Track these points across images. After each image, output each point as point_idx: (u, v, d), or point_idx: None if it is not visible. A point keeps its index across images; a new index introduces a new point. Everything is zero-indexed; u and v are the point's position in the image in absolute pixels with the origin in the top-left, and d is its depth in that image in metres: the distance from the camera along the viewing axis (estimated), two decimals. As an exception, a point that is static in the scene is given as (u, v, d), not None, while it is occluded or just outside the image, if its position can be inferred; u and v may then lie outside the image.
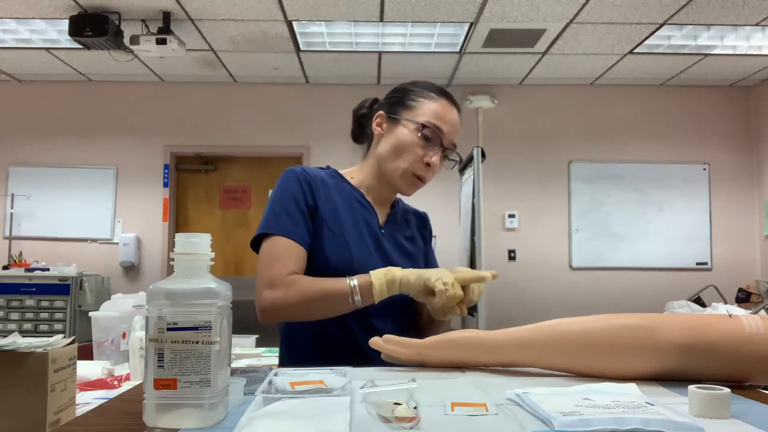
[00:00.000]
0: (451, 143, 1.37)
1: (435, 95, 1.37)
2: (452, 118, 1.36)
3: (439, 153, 1.34)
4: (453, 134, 1.37)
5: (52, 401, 0.88)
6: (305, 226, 1.27)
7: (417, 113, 1.34)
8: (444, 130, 1.34)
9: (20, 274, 4.58)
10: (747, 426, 0.67)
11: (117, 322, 1.66)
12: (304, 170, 1.34)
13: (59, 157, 5.44)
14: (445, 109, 1.36)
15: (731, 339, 0.85)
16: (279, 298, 1.21)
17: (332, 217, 1.31)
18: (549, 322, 0.94)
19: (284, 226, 1.26)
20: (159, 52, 4.10)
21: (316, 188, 1.32)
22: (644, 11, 3.96)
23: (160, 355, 0.66)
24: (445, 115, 1.35)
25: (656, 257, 5.41)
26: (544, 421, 0.66)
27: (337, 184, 1.39)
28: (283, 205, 1.29)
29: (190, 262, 0.71)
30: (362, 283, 1.19)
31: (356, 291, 1.18)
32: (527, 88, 5.56)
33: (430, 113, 1.34)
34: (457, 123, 1.38)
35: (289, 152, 5.47)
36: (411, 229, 1.49)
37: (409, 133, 1.33)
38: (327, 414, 0.66)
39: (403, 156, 1.34)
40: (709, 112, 5.57)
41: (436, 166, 1.34)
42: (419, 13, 4.01)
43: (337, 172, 1.44)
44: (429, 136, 1.33)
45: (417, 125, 1.33)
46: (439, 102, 1.36)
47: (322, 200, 1.31)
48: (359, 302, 1.19)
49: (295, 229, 1.26)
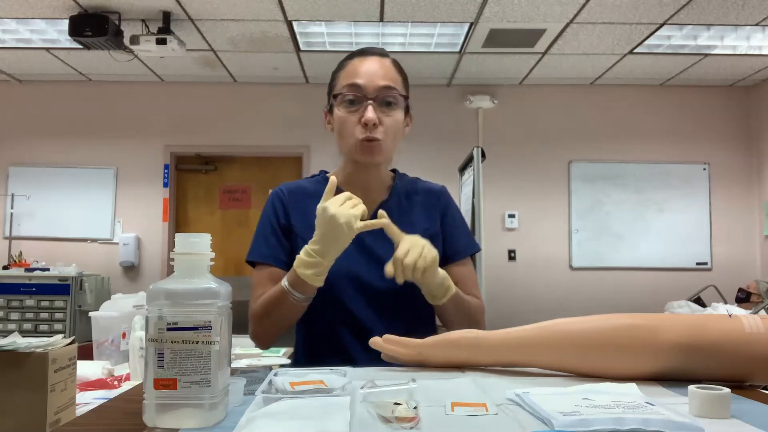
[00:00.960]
0: (378, 88, 1.27)
1: (346, 62, 1.34)
2: (365, 68, 1.29)
3: (369, 105, 1.26)
4: (375, 79, 1.28)
5: (52, 401, 0.88)
6: (280, 247, 1.33)
7: (337, 89, 1.32)
8: (360, 83, 1.27)
9: (20, 274, 4.58)
10: (747, 426, 0.67)
11: (117, 322, 1.66)
12: (280, 189, 1.39)
13: (59, 157, 5.44)
14: (355, 66, 1.31)
15: (731, 339, 0.85)
16: (252, 331, 1.30)
17: (307, 230, 1.25)
18: (549, 322, 0.94)
19: (260, 251, 1.34)
20: (159, 52, 4.10)
21: (290, 206, 1.35)
22: (644, 11, 3.96)
23: (160, 355, 0.66)
24: (356, 71, 1.29)
25: (656, 257, 5.41)
26: (544, 421, 0.66)
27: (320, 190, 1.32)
28: (261, 230, 1.36)
29: (190, 262, 0.71)
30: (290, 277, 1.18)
31: (288, 288, 1.17)
32: (527, 88, 5.56)
33: (343, 80, 1.31)
34: (373, 68, 1.29)
35: (289, 152, 5.47)
36: (413, 210, 1.39)
37: (338, 110, 1.30)
38: (327, 414, 0.66)
39: (344, 133, 1.30)
40: (709, 112, 5.57)
41: (372, 119, 1.25)
42: (419, 13, 4.01)
43: (326, 177, 1.40)
44: (350, 99, 1.28)
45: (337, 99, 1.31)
46: (349, 65, 1.32)
47: (297, 215, 1.34)
48: (299, 297, 1.18)
49: (269, 252, 1.33)
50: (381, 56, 1.33)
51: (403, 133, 1.36)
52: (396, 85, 1.30)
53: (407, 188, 1.42)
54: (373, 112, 1.26)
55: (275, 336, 1.30)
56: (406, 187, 1.42)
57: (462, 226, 1.44)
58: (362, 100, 1.27)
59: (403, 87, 1.34)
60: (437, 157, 5.31)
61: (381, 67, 1.30)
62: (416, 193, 1.42)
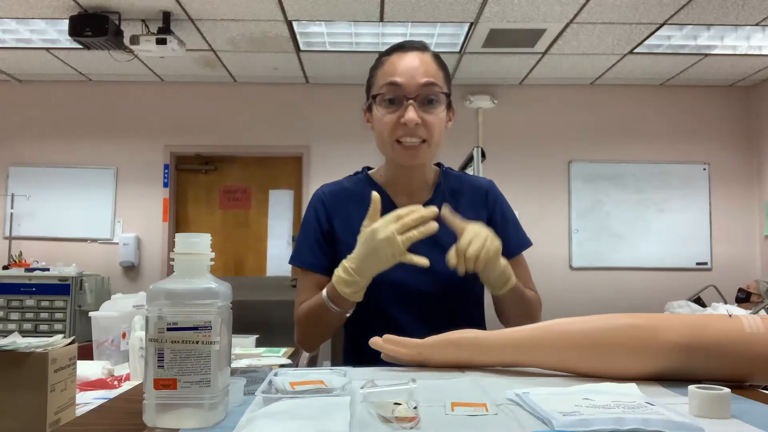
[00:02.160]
0: (419, 86, 1.22)
1: (384, 58, 1.29)
2: (405, 65, 1.24)
3: (410, 105, 1.21)
4: (416, 76, 1.23)
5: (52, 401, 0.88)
6: (321, 253, 1.31)
7: (375, 87, 1.28)
8: (400, 82, 1.22)
9: (20, 274, 4.58)
10: (747, 426, 0.67)
11: (117, 322, 1.66)
12: (322, 192, 1.36)
13: (59, 157, 5.44)
14: (394, 63, 1.25)
15: (731, 339, 0.85)
16: (297, 337, 1.32)
17: (350, 234, 1.24)
18: (549, 322, 0.94)
19: (304, 257, 1.33)
20: (159, 52, 4.10)
21: (332, 210, 1.33)
22: (644, 11, 3.96)
23: (160, 355, 0.66)
24: (395, 68, 1.24)
25: (656, 257, 5.41)
26: (544, 421, 0.66)
27: (362, 191, 1.32)
28: (303, 235, 1.35)
29: (190, 262, 0.71)
30: (329, 290, 1.16)
31: (327, 301, 1.16)
32: (527, 88, 5.56)
33: (382, 78, 1.26)
34: (414, 64, 1.24)
35: (289, 152, 5.47)
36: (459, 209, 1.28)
37: (377, 110, 1.26)
38: (327, 414, 0.66)
39: (383, 134, 1.26)
40: (709, 112, 5.57)
41: (413, 119, 1.21)
42: (419, 13, 4.01)
43: (367, 175, 1.39)
44: (390, 98, 1.23)
45: (375, 98, 1.26)
46: (388, 62, 1.27)
47: (339, 219, 1.32)
48: (337, 310, 1.16)
49: (311, 258, 1.32)
50: (421, 51, 1.27)
51: (446, 129, 1.32)
52: (438, 81, 1.25)
53: (452, 185, 1.38)
54: (414, 112, 1.21)
55: (319, 341, 1.31)
56: (452, 185, 1.38)
57: (512, 221, 1.42)
58: (402, 100, 1.22)
59: (445, 82, 1.29)
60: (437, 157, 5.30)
61: (421, 62, 1.24)
62: (462, 190, 1.38)
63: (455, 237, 1.17)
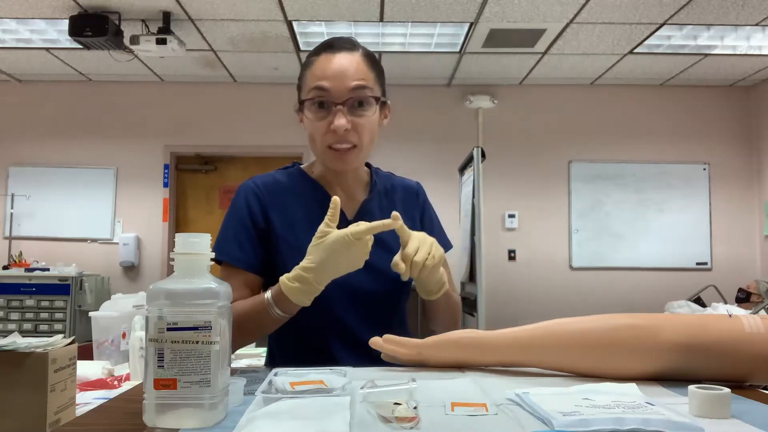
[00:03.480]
0: (348, 90, 1.17)
1: (313, 58, 1.23)
2: (333, 68, 1.18)
3: (337, 112, 1.17)
4: (345, 81, 1.18)
5: (52, 401, 0.88)
6: (252, 250, 1.23)
7: (305, 89, 1.22)
8: (328, 87, 1.17)
9: (20, 274, 4.58)
10: (747, 426, 0.67)
11: (117, 322, 1.66)
12: (255, 185, 1.28)
13: (59, 157, 5.44)
14: (322, 65, 1.20)
15: (731, 339, 0.85)
16: None
17: (288, 229, 1.23)
18: (549, 322, 0.94)
19: (232, 252, 1.23)
20: (159, 52, 4.10)
21: (267, 203, 1.25)
22: (644, 11, 3.96)
23: (160, 355, 0.66)
24: (324, 71, 1.19)
25: (656, 257, 5.41)
26: (544, 421, 0.66)
27: (297, 186, 1.30)
28: (231, 228, 1.25)
29: (190, 262, 0.71)
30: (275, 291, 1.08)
31: (271, 303, 1.08)
32: (527, 88, 5.56)
33: (310, 80, 1.20)
34: (342, 67, 1.18)
35: (289, 152, 5.46)
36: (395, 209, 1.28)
37: (307, 113, 1.22)
38: (327, 414, 0.66)
39: (314, 139, 1.23)
40: (709, 112, 5.57)
41: (342, 126, 1.17)
42: (419, 13, 4.01)
43: (300, 169, 1.35)
44: (319, 102, 1.19)
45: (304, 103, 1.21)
46: (316, 62, 1.21)
47: (276, 214, 1.25)
48: (283, 315, 1.09)
49: (240, 255, 1.22)
50: (350, 50, 1.22)
51: (379, 129, 1.28)
52: (368, 83, 1.20)
53: (385, 186, 1.37)
54: (344, 117, 1.17)
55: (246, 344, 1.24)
56: (384, 185, 1.37)
57: (437, 224, 1.42)
58: (331, 105, 1.18)
59: (377, 82, 1.24)
60: (437, 157, 5.31)
61: (350, 63, 1.19)
62: (395, 190, 1.37)
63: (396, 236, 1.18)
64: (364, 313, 1.25)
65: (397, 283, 1.24)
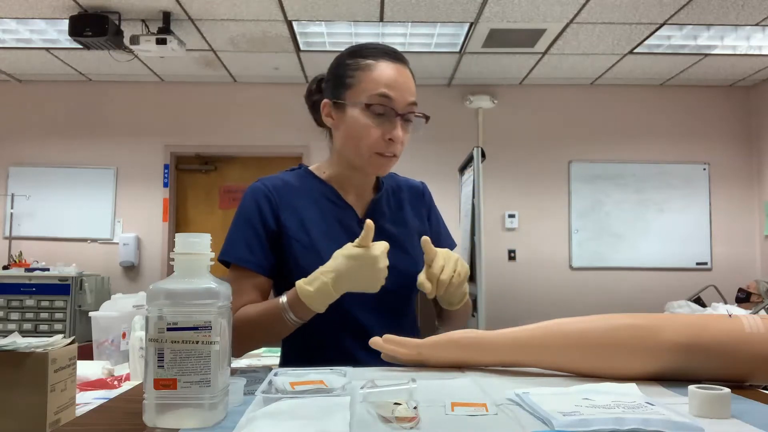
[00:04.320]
0: (407, 104, 1.22)
1: (372, 61, 1.23)
2: (399, 79, 1.21)
3: (398, 123, 1.20)
4: (406, 94, 1.21)
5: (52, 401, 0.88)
6: (262, 253, 1.23)
7: (359, 90, 1.21)
8: (393, 97, 1.20)
9: (20, 274, 4.58)
10: (747, 426, 0.67)
11: (117, 322, 1.66)
12: (265, 186, 1.27)
13: (59, 157, 5.44)
14: (388, 73, 1.21)
15: (731, 339, 0.85)
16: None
17: (299, 228, 1.23)
18: (549, 322, 0.94)
19: (239, 253, 1.22)
20: (159, 52, 4.10)
21: (277, 204, 1.25)
22: (644, 11, 3.96)
23: (160, 355, 0.66)
24: (390, 80, 1.20)
25: (656, 257, 5.41)
26: (544, 421, 0.66)
27: (305, 186, 1.30)
28: (240, 230, 1.25)
29: (190, 262, 0.71)
30: (290, 296, 1.09)
31: (286, 308, 1.09)
32: (527, 88, 5.56)
33: (373, 85, 1.20)
34: (406, 81, 1.23)
35: (289, 152, 5.47)
36: (403, 208, 1.36)
37: (359, 115, 1.21)
38: (327, 414, 0.66)
39: (361, 142, 1.21)
40: (709, 112, 5.57)
41: (399, 137, 1.21)
42: (419, 13, 4.01)
43: (308, 170, 1.36)
44: (380, 111, 1.20)
45: (363, 105, 1.20)
46: (378, 67, 1.22)
47: (287, 214, 1.25)
48: (298, 321, 1.10)
49: (250, 257, 1.22)
50: (407, 65, 1.26)
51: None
52: (417, 101, 1.25)
53: (391, 184, 1.39)
54: (402, 129, 1.21)
55: (255, 348, 1.25)
56: (390, 184, 1.39)
57: (443, 223, 1.45)
58: (391, 115, 1.20)
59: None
60: (437, 157, 5.31)
61: (409, 78, 1.24)
62: (401, 190, 1.39)
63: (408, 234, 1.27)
64: (379, 311, 1.26)
65: (406, 280, 1.24)
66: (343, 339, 1.24)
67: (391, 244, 1.13)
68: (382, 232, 1.29)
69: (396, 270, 1.21)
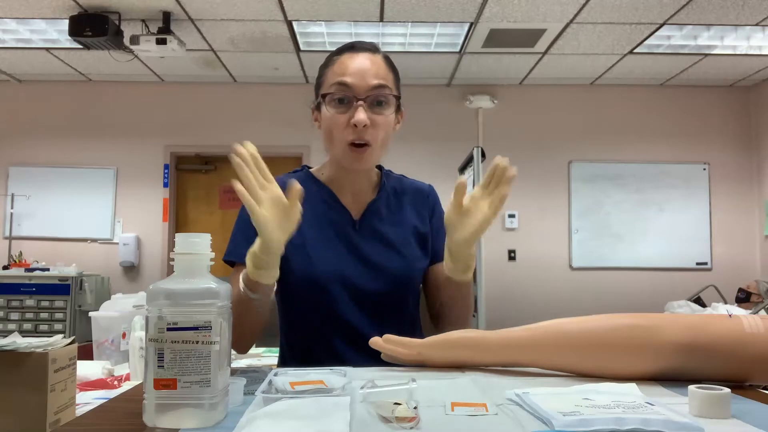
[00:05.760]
0: (369, 87, 1.20)
1: (335, 57, 1.26)
2: (356, 66, 1.22)
3: (359, 106, 1.19)
4: (367, 78, 1.21)
5: (52, 401, 0.88)
6: None
7: (325, 86, 1.25)
8: (351, 83, 1.20)
9: (20, 274, 4.57)
10: (747, 426, 0.67)
11: (117, 322, 1.66)
12: None
13: (59, 157, 5.44)
14: (344, 63, 1.23)
15: (731, 339, 0.85)
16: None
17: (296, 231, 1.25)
18: (549, 322, 0.94)
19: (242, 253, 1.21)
20: (159, 52, 4.10)
21: None
22: (644, 11, 3.96)
23: (160, 355, 0.66)
24: (345, 68, 1.22)
25: (656, 257, 5.41)
26: (544, 421, 0.66)
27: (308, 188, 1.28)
28: (241, 230, 1.28)
29: (190, 262, 0.71)
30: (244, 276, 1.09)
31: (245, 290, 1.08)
32: (527, 88, 5.56)
33: (332, 77, 1.23)
34: (364, 66, 1.22)
35: (289, 152, 5.47)
36: (403, 210, 1.35)
37: (326, 109, 1.23)
38: (327, 414, 0.66)
39: (332, 134, 1.23)
40: (709, 112, 5.57)
41: (362, 120, 1.19)
42: (419, 13, 4.01)
43: (309, 172, 1.37)
44: (339, 98, 1.21)
45: (324, 97, 1.23)
46: (338, 61, 1.24)
47: None
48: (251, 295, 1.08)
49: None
50: (372, 52, 1.26)
51: (393, 132, 1.30)
52: (388, 83, 1.24)
53: (395, 186, 1.38)
54: (364, 113, 1.19)
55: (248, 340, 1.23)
56: (394, 186, 1.38)
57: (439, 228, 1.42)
58: (352, 101, 1.21)
59: (395, 85, 1.27)
60: (437, 157, 5.31)
61: (372, 64, 1.23)
62: (404, 192, 1.38)
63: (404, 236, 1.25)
64: (370, 313, 1.25)
65: (400, 281, 1.24)
66: (334, 341, 1.24)
67: (385, 245, 1.14)
68: (375, 233, 1.29)
69: (387, 271, 1.23)
